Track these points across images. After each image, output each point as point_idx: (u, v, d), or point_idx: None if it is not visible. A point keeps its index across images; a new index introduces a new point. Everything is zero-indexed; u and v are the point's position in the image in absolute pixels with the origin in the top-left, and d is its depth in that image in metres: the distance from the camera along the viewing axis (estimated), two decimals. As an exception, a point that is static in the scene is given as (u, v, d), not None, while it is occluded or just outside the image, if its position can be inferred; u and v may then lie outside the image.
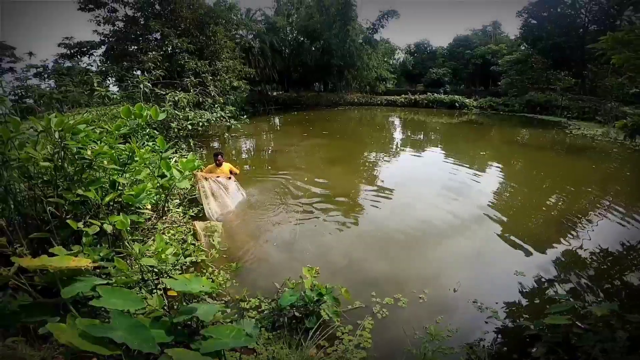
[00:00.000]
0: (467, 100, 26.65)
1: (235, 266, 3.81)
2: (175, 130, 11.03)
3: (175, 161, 3.26)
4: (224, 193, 6.39)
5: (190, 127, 11.34)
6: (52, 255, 1.91)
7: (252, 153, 13.92)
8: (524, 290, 4.09)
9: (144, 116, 2.49)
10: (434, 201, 7.29)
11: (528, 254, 4.99)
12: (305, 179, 8.69)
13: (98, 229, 2.36)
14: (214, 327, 2.26)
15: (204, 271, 3.78)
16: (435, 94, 27.93)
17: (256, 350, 2.89)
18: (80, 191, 2.20)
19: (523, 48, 28.08)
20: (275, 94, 35.13)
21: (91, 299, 1.95)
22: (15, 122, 2.30)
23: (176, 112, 11.23)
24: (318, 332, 3.10)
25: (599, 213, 6.54)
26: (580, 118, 20.25)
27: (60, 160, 2.19)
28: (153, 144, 3.38)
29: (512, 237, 5.47)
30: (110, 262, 2.37)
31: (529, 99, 24.30)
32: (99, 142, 2.62)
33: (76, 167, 2.28)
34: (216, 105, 13.86)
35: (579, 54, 22.49)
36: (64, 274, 1.78)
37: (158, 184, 2.46)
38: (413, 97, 28.08)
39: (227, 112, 13.84)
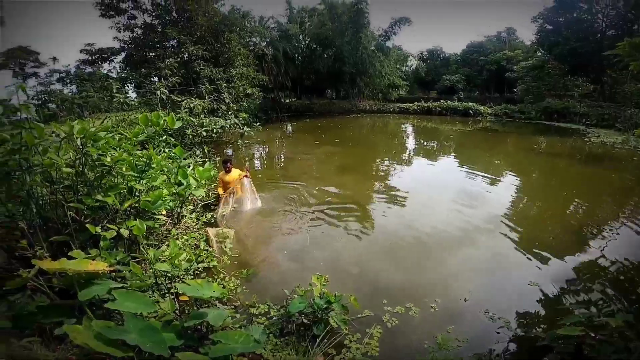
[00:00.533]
0: (482, 107, 26.28)
1: (246, 273, 3.85)
2: (190, 136, 11.27)
3: (192, 168, 3.32)
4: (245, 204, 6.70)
5: (204, 133, 11.58)
6: (71, 258, 1.99)
7: (265, 160, 14.06)
8: (538, 301, 3.97)
9: (161, 124, 2.58)
10: (447, 208, 7.20)
11: (544, 263, 4.86)
12: (317, 186, 8.71)
13: (115, 233, 2.44)
14: (223, 332, 2.29)
15: (216, 277, 3.83)
16: (449, 101, 27.62)
17: (264, 356, 2.90)
18: (99, 197, 2.28)
19: (539, 54, 27.63)
20: (287, 101, 35.53)
21: (106, 301, 2.01)
22: (39, 129, 2.41)
23: (191, 118, 11.49)
24: (326, 340, 3.10)
25: (618, 223, 6.33)
26: (599, 125, 19.70)
27: (81, 166, 2.28)
28: (169, 151, 3.47)
29: (528, 247, 5.34)
30: (126, 265, 2.44)
31: (546, 106, 23.80)
32: (118, 149, 2.72)
33: (96, 173, 2.37)
34: (230, 112, 14.11)
35: (597, 60, 21.96)
36: (82, 277, 1.85)
37: (174, 191, 2.53)
38: (426, 105, 27.84)
39: (241, 119, 14.07)
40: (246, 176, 6.82)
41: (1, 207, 2.47)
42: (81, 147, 2.27)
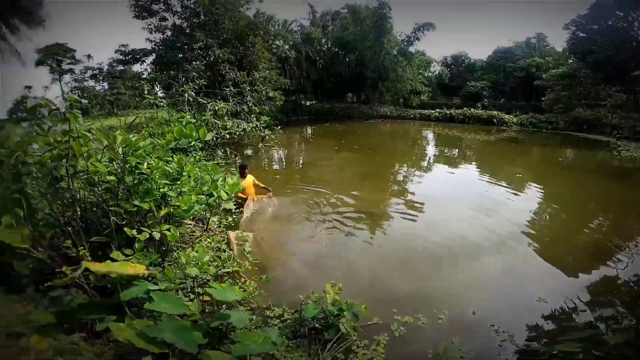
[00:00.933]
0: (507, 116, 25.52)
1: (266, 279, 4.03)
2: (214, 138, 11.64)
3: (223, 181, 3.49)
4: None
5: (227, 136, 11.94)
6: (112, 259, 2.19)
7: (284, 164, 14.29)
8: (546, 317, 3.96)
9: (194, 136, 2.78)
10: (465, 219, 7.15)
11: (558, 279, 4.83)
12: (335, 193, 8.81)
13: (147, 235, 2.65)
14: (243, 333, 2.44)
15: (237, 281, 4.01)
16: (472, 109, 26.97)
17: (276, 356, 3.03)
18: (136, 202, 2.49)
19: (571, 61, 26.59)
20: (308, 103, 35.83)
21: (142, 300, 2.20)
22: (84, 137, 2.66)
23: (216, 121, 11.88)
24: (335, 344, 3.22)
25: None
26: (631, 138, 18.77)
27: (121, 173, 2.50)
28: (196, 154, 3.68)
29: (544, 261, 5.29)
30: (156, 266, 2.64)
31: (576, 116, 22.89)
32: (151, 156, 2.94)
33: (134, 180, 2.58)
34: (252, 115, 14.46)
35: (633, 69, 20.93)
36: (123, 279, 2.04)
37: (206, 202, 2.72)
38: (448, 112, 27.31)
39: (262, 122, 14.39)
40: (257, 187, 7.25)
41: (48, 209, 2.73)
42: (122, 155, 2.49)
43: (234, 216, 6.49)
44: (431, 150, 17.79)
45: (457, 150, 17.50)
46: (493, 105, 30.08)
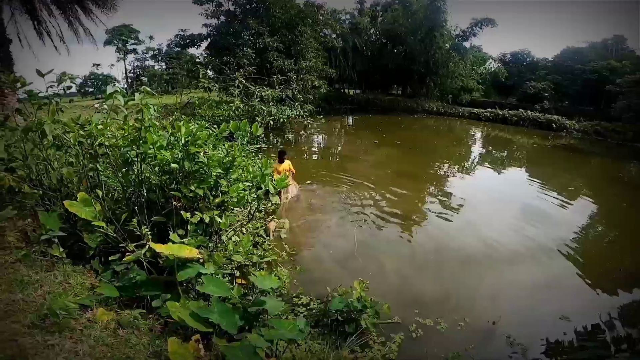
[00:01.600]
0: (568, 121, 23.26)
1: (300, 270, 4.26)
2: (259, 123, 12.09)
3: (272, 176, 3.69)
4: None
5: (272, 122, 12.36)
6: (169, 240, 2.48)
7: (323, 153, 14.42)
8: (565, 335, 3.91)
9: (247, 131, 2.98)
10: (505, 225, 6.92)
11: (591, 299, 4.66)
12: (372, 189, 8.81)
13: (199, 218, 2.92)
14: (276, 320, 2.64)
15: (273, 268, 4.29)
16: (529, 111, 24.92)
17: (298, 342, 3.22)
18: (193, 187, 2.76)
19: (653, 66, 23.53)
20: (352, 93, 35.49)
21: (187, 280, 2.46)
22: (154, 126, 2.97)
23: (262, 107, 12.33)
24: (354, 338, 3.39)
25: None
26: None
27: (181, 160, 2.77)
28: (243, 140, 3.84)
29: (579, 280, 5.08)
30: (204, 248, 2.91)
31: (648, 127, 20.35)
32: (207, 144, 3.20)
33: (192, 167, 2.85)
34: (296, 103, 14.74)
35: None
36: (180, 260, 2.30)
37: (255, 195, 2.94)
38: (501, 113, 25.45)
39: (306, 110, 14.62)
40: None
41: (118, 188, 3.11)
42: (184, 145, 2.75)
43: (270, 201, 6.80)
44: (477, 150, 16.93)
45: (506, 152, 16.47)
46: (554, 109, 27.54)
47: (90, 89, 44.68)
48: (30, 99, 2.98)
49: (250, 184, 2.95)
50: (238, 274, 3.40)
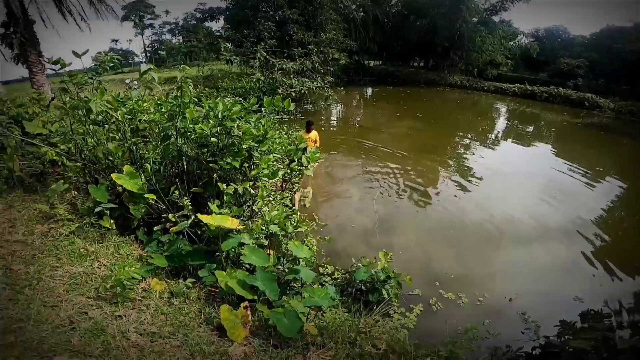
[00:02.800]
0: (602, 100, 21.85)
1: (328, 240, 4.44)
2: (281, 95, 12.09)
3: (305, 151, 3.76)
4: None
5: (293, 94, 12.36)
6: (209, 211, 2.63)
7: (343, 125, 14.27)
8: (579, 315, 3.90)
9: (279, 106, 3.03)
10: (526, 202, 6.85)
11: (606, 280, 4.68)
12: (392, 161, 8.78)
13: (233, 189, 3.06)
14: (310, 288, 2.81)
15: (304, 239, 4.48)
16: (561, 88, 23.49)
17: (322, 309, 3.40)
18: (229, 160, 2.88)
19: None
20: (372, 64, 34.33)
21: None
22: (193, 102, 3.07)
23: (283, 79, 12.31)
24: (376, 307, 3.59)
25: None
26: None
27: (218, 134, 2.88)
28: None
29: (599, 262, 5.04)
30: (239, 218, 3.06)
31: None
32: (240, 119, 3.28)
33: (227, 140, 2.96)
34: (317, 75, 14.55)
35: None
36: (222, 231, 2.46)
37: (288, 168, 3.04)
38: (530, 88, 24.07)
39: (326, 82, 14.44)
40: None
41: (159, 161, 3.27)
42: (221, 120, 2.85)
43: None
44: (502, 125, 16.32)
45: (532, 128, 15.78)
46: (588, 87, 25.82)
47: (111, 64, 45.22)
48: (71, 79, 3.10)
49: (279, 156, 3.06)
50: (266, 243, 3.59)
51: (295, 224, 2.94)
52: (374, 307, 3.59)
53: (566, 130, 16.06)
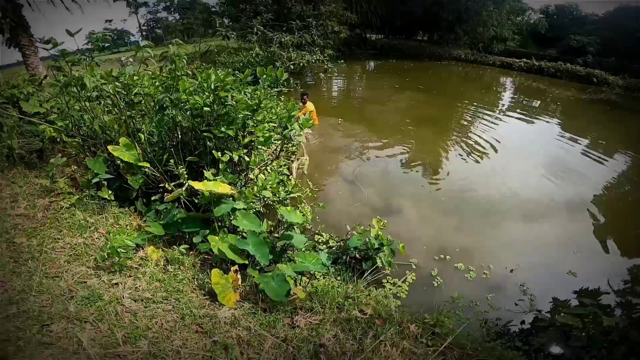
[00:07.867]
0: (612, 77, 21.21)
1: (322, 206, 4.48)
2: (279, 68, 11.91)
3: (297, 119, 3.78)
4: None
5: (292, 67, 12.14)
6: (203, 177, 2.71)
7: (343, 97, 14.12)
8: (574, 291, 4.01)
9: (272, 76, 3.04)
10: (529, 176, 6.83)
11: (607, 259, 4.68)
12: (391, 132, 8.73)
13: (228, 157, 3.13)
14: (302, 253, 2.93)
15: (298, 206, 4.48)
16: (569, 64, 22.79)
17: (316, 276, 3.49)
18: (223, 129, 2.93)
19: None
20: (374, 38, 33.32)
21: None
22: (188, 75, 3.08)
23: (281, 52, 12.07)
24: (370, 276, 3.68)
25: None
26: None
27: (212, 105, 2.91)
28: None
29: (600, 239, 5.05)
30: (234, 185, 3.15)
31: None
32: (233, 89, 3.30)
33: (221, 110, 3.00)
34: (316, 48, 14.23)
35: None
36: (215, 197, 2.54)
37: (281, 134, 3.08)
38: (537, 63, 23.34)
39: (326, 55, 14.14)
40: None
41: (155, 132, 3.32)
42: (214, 90, 2.87)
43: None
44: (507, 98, 16.03)
45: (538, 103, 15.47)
46: (598, 64, 24.99)
47: (107, 44, 44.21)
48: (64, 57, 3.10)
49: (275, 125, 3.10)
50: (260, 208, 3.63)
51: (287, 190, 3.01)
52: (368, 277, 3.66)
53: (572, 106, 15.73)
